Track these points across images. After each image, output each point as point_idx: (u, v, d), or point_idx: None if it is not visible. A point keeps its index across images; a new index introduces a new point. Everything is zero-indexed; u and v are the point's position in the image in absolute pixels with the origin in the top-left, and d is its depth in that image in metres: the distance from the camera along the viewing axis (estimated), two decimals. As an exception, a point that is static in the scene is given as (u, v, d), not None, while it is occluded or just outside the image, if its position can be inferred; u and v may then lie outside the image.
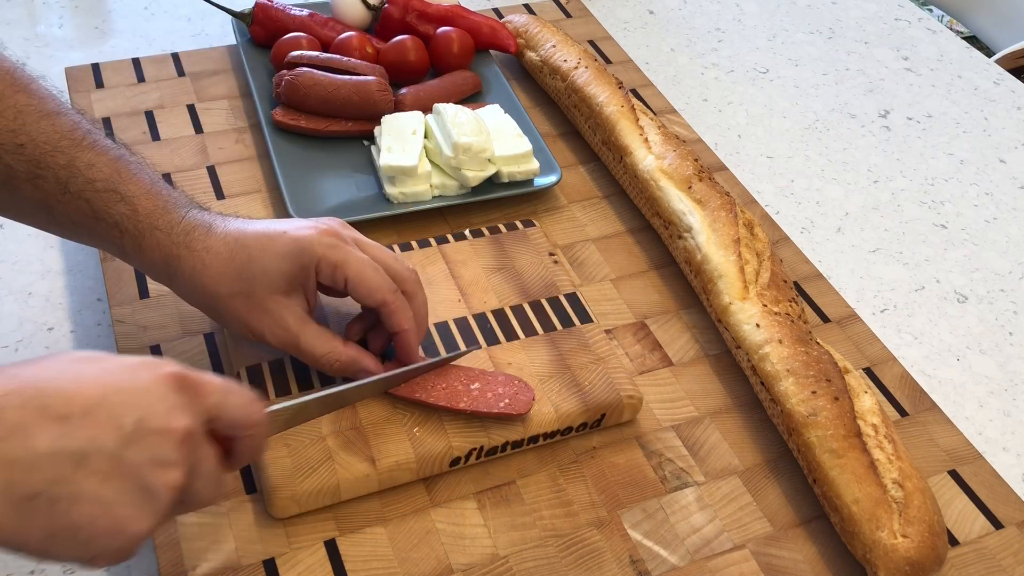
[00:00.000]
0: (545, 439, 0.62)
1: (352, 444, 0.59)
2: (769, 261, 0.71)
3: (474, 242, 0.72)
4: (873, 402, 0.63)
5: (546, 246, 0.73)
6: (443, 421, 0.60)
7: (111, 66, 0.89)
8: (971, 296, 0.82)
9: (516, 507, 0.60)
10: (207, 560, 0.55)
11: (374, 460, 0.58)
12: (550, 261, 0.72)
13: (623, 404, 0.63)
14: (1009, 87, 1.07)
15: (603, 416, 0.63)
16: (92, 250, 0.77)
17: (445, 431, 0.60)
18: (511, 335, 0.66)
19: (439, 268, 0.70)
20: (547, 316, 0.68)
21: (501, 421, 0.60)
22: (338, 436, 0.59)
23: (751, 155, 0.94)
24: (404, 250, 0.71)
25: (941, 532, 0.58)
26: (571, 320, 0.68)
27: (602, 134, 0.83)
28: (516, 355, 0.65)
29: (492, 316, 0.67)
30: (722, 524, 0.61)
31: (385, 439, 0.59)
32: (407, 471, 0.59)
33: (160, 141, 0.82)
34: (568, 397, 0.63)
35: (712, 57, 1.07)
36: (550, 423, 0.62)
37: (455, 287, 0.69)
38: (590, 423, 0.63)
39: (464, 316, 0.67)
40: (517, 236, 0.73)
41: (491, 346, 0.65)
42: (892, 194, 0.91)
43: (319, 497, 0.57)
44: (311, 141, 0.82)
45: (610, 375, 0.64)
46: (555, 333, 0.67)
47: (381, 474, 0.58)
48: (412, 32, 0.90)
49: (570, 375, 0.64)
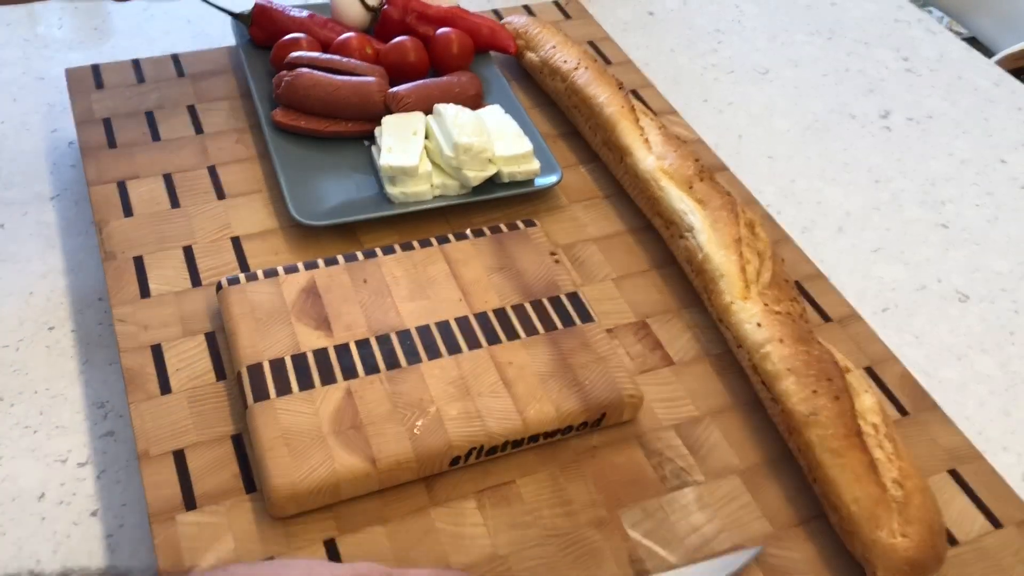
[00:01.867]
0: (545, 438, 0.62)
1: (352, 443, 0.58)
2: (770, 261, 0.71)
3: (475, 241, 0.72)
4: (873, 401, 0.62)
5: (547, 245, 0.73)
6: (443, 420, 0.60)
7: (111, 67, 0.89)
8: (972, 296, 0.82)
9: (516, 506, 0.60)
10: (207, 560, 0.55)
11: (374, 459, 0.58)
12: (551, 261, 0.72)
13: (624, 403, 0.63)
14: (1009, 88, 1.07)
15: (604, 415, 0.63)
16: (93, 249, 0.77)
17: (445, 430, 0.60)
18: (512, 334, 0.66)
19: (440, 268, 0.70)
20: (548, 315, 0.68)
21: (501, 419, 0.61)
22: (338, 435, 0.59)
23: (751, 155, 0.94)
24: (405, 249, 0.71)
25: (941, 532, 0.58)
26: (572, 319, 0.68)
27: (603, 135, 0.83)
28: (517, 354, 0.65)
29: (493, 315, 0.67)
30: (722, 523, 0.61)
31: (386, 438, 0.59)
32: (408, 470, 0.59)
33: (160, 142, 0.82)
34: (569, 396, 0.63)
35: (712, 58, 1.07)
36: (551, 422, 0.62)
37: (456, 287, 0.69)
38: (591, 422, 0.63)
39: (465, 315, 0.67)
40: (518, 235, 0.73)
41: (492, 345, 0.65)
42: (893, 194, 0.92)
43: (319, 496, 0.57)
44: (311, 141, 0.82)
45: (611, 374, 0.64)
46: (556, 332, 0.67)
47: (382, 473, 0.58)
48: (411, 33, 0.90)
49: (571, 374, 0.64)
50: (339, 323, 0.65)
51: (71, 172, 0.85)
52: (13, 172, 0.84)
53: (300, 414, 0.59)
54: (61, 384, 0.68)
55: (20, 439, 0.65)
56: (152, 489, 0.58)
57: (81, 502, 0.62)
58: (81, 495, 0.62)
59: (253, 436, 0.59)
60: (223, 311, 0.66)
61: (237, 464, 0.60)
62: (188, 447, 0.61)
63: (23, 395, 0.67)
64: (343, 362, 0.63)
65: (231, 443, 0.61)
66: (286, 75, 0.81)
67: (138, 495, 0.62)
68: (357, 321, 0.65)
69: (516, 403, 0.62)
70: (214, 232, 0.75)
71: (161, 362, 0.65)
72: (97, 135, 0.82)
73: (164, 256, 0.73)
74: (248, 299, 0.66)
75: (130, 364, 0.65)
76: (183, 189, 0.78)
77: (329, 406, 0.60)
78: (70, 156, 0.86)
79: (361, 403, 0.61)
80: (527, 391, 0.63)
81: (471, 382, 0.63)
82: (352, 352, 0.63)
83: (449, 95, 0.84)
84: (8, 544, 0.59)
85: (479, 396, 0.62)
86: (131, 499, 0.62)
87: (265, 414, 0.59)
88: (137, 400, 0.63)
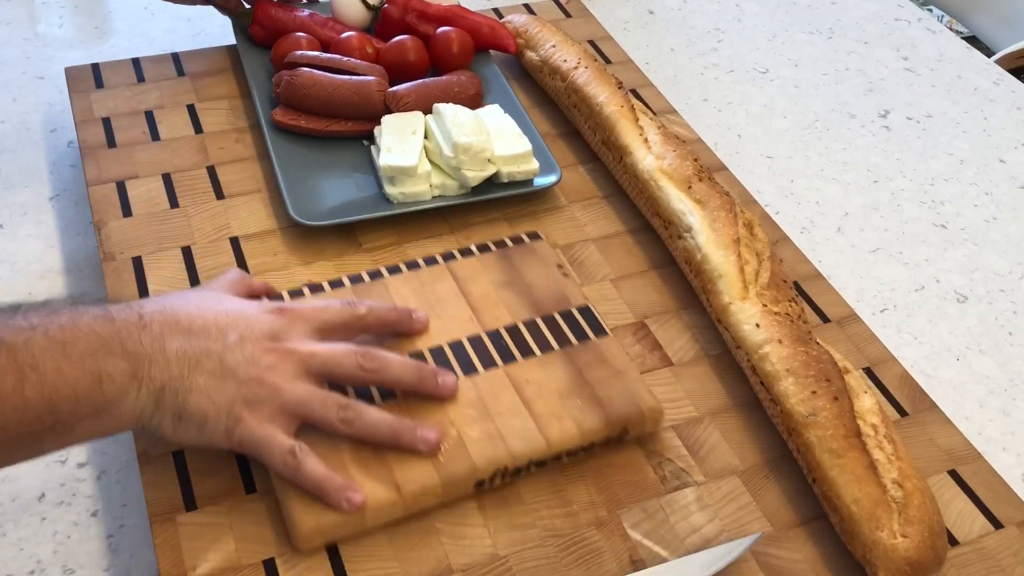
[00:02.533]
0: (568, 456, 0.61)
1: (375, 471, 0.57)
2: (769, 261, 0.71)
3: (481, 257, 0.71)
4: (873, 402, 0.63)
5: (554, 258, 0.72)
6: (465, 443, 0.59)
7: (111, 66, 0.89)
8: (971, 296, 0.82)
9: (516, 507, 0.60)
10: (207, 560, 0.55)
11: (399, 487, 0.57)
12: (559, 274, 0.71)
13: (645, 416, 0.63)
14: (1009, 87, 1.07)
15: (626, 429, 0.63)
16: (92, 250, 0.77)
17: (468, 453, 0.59)
18: (527, 352, 0.65)
19: (448, 286, 0.69)
20: (561, 330, 0.67)
21: (523, 439, 0.60)
22: (359, 463, 0.57)
23: (751, 155, 0.94)
24: (411, 268, 0.69)
25: (941, 532, 0.58)
26: (586, 334, 0.67)
27: (602, 134, 0.83)
28: (533, 372, 0.64)
29: (506, 333, 0.66)
30: (722, 524, 0.61)
31: (409, 464, 0.57)
32: (433, 496, 0.58)
33: (160, 141, 0.82)
34: (590, 413, 0.62)
35: (712, 57, 1.07)
36: (574, 440, 0.61)
37: (466, 305, 0.67)
38: (613, 437, 0.62)
39: (478, 334, 0.66)
40: (524, 249, 0.72)
41: (507, 364, 0.64)
42: (892, 194, 0.92)
43: (344, 528, 0.56)
44: (311, 141, 0.82)
45: (630, 388, 0.63)
46: (571, 348, 0.66)
47: (407, 501, 0.57)
48: (412, 32, 0.90)
49: (590, 390, 0.63)
50: None
51: (71, 172, 0.85)
52: (13, 172, 0.84)
53: (319, 444, 0.57)
54: (61, 384, 0.68)
55: (20, 439, 0.65)
56: (152, 489, 0.58)
57: (81, 503, 0.62)
58: (81, 496, 0.62)
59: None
60: None
61: (237, 464, 0.60)
62: (188, 447, 0.61)
63: (23, 395, 0.67)
64: (358, 388, 0.61)
65: (231, 443, 0.61)
66: (286, 74, 0.81)
67: (138, 495, 0.62)
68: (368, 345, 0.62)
69: (537, 422, 0.61)
70: (213, 232, 0.75)
71: (161, 362, 0.65)
72: (97, 135, 0.82)
73: (163, 256, 0.73)
74: None
75: (130, 364, 0.65)
76: (182, 189, 0.78)
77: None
78: (70, 156, 0.86)
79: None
80: (547, 409, 0.61)
81: (490, 403, 0.61)
82: None
83: (449, 94, 0.83)
84: (8, 545, 0.59)
85: (499, 417, 0.61)
86: (131, 499, 0.62)
87: None
88: (137, 400, 0.63)
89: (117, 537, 0.60)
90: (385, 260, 0.75)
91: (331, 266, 0.74)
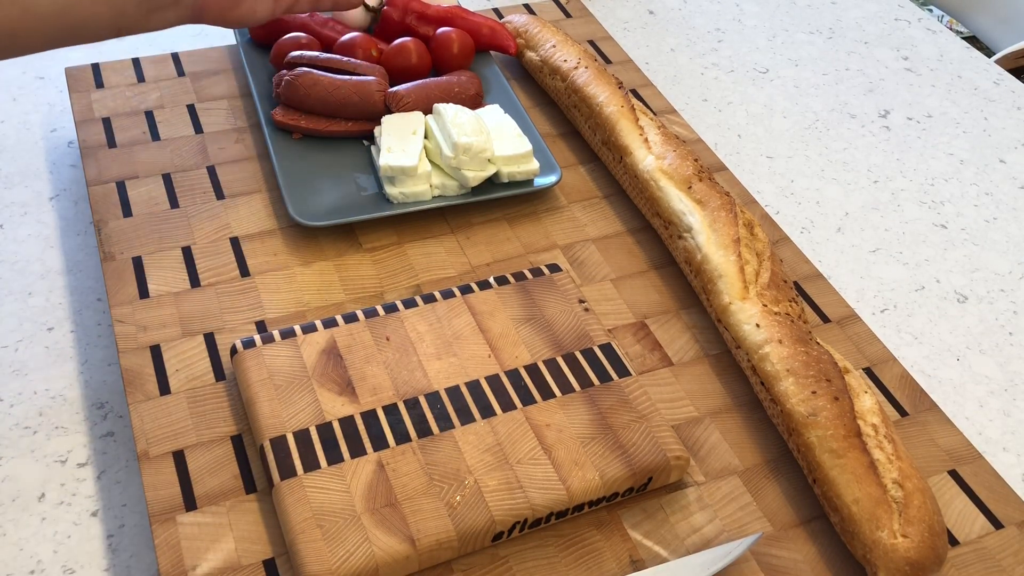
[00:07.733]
0: (590, 507, 0.59)
1: (389, 522, 0.55)
2: (769, 261, 0.71)
3: (499, 290, 0.69)
4: (873, 402, 0.63)
5: (575, 292, 0.69)
6: (482, 492, 0.57)
7: (111, 66, 0.89)
8: (971, 296, 0.82)
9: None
10: (207, 560, 0.55)
11: (414, 540, 0.55)
12: (580, 309, 0.68)
13: (671, 466, 0.60)
14: (1009, 87, 1.07)
15: (650, 479, 0.60)
16: (92, 250, 0.77)
17: (486, 504, 0.57)
18: (547, 393, 0.63)
19: (465, 320, 0.66)
20: (583, 370, 0.64)
21: (543, 490, 0.57)
22: (373, 514, 0.55)
23: (751, 155, 0.94)
24: (427, 302, 0.67)
25: (941, 532, 0.58)
26: (608, 374, 0.64)
27: (602, 134, 0.83)
28: (554, 415, 0.61)
29: (525, 372, 0.64)
30: (722, 524, 0.61)
31: (424, 515, 0.56)
32: (449, 549, 0.55)
33: (160, 141, 0.82)
34: (612, 461, 0.59)
35: (712, 57, 1.07)
36: (596, 490, 0.58)
37: (484, 341, 0.65)
38: (636, 487, 0.60)
39: (496, 373, 0.63)
40: (544, 282, 0.70)
41: (527, 406, 0.62)
42: (892, 194, 0.92)
43: None
44: (311, 141, 0.82)
45: (654, 434, 0.61)
46: (593, 389, 0.63)
47: (422, 554, 0.55)
48: (412, 33, 0.90)
49: (612, 436, 0.61)
50: (364, 387, 0.62)
51: (71, 172, 0.85)
52: (13, 172, 0.84)
53: (331, 492, 0.56)
54: (60, 385, 0.68)
55: (20, 440, 0.65)
56: (152, 489, 0.58)
57: (81, 503, 0.62)
58: (81, 496, 0.62)
59: (282, 517, 0.56)
60: (239, 377, 0.62)
61: (237, 464, 0.60)
62: (188, 447, 0.61)
63: (23, 395, 0.67)
64: (372, 431, 0.59)
65: (231, 443, 0.61)
66: (286, 74, 0.81)
67: (138, 495, 0.62)
68: (383, 384, 0.62)
69: (558, 471, 0.58)
70: (213, 232, 0.75)
71: (160, 363, 0.65)
72: (97, 135, 0.82)
73: (163, 256, 0.73)
74: (266, 364, 0.62)
75: (129, 365, 0.65)
76: (182, 189, 0.78)
77: (361, 481, 0.57)
78: (70, 156, 0.86)
79: (394, 476, 0.57)
80: (568, 457, 0.59)
81: (508, 449, 0.59)
82: (380, 419, 0.60)
83: (449, 95, 0.84)
84: (8, 545, 0.59)
85: (518, 464, 0.58)
86: (131, 499, 0.62)
87: (294, 493, 0.56)
88: (136, 401, 0.63)
89: (117, 537, 0.60)
90: (385, 260, 0.75)
91: (331, 266, 0.74)
